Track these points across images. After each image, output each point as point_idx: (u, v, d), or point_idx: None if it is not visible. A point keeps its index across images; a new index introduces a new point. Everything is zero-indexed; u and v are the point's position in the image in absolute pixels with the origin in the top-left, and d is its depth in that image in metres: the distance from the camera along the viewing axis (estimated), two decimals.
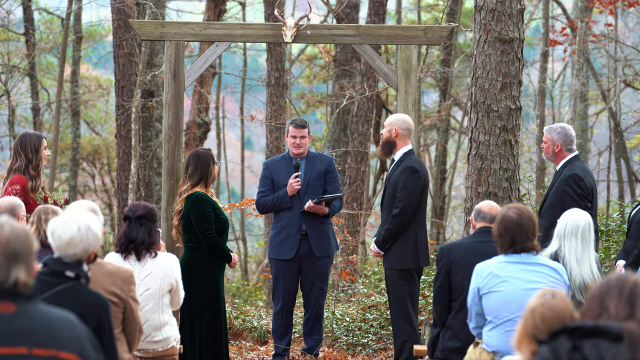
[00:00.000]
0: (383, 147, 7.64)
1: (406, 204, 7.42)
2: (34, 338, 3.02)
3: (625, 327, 2.92)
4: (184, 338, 7.26)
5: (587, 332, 2.94)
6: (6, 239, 3.07)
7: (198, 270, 7.34)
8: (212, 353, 7.33)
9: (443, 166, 19.76)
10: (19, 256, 3.07)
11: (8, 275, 3.04)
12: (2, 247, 3.05)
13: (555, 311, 3.40)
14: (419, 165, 7.54)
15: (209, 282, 7.37)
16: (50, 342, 3.03)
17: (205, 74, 15.94)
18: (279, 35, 8.24)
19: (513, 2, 8.21)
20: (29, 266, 3.10)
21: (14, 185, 7.06)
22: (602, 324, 2.93)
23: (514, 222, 5.43)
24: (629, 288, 3.04)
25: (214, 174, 7.49)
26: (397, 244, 7.49)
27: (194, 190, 7.39)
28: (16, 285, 3.05)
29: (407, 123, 7.64)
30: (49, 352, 3.01)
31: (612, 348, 2.89)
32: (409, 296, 7.48)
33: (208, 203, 7.35)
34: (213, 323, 7.37)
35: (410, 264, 7.47)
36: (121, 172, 14.48)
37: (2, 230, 3.08)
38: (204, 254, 7.38)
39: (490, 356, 5.52)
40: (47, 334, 3.04)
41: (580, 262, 5.95)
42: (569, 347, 2.93)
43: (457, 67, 20.76)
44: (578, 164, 7.26)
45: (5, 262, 3.04)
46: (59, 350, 3.03)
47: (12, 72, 18.81)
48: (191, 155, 7.48)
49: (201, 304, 7.33)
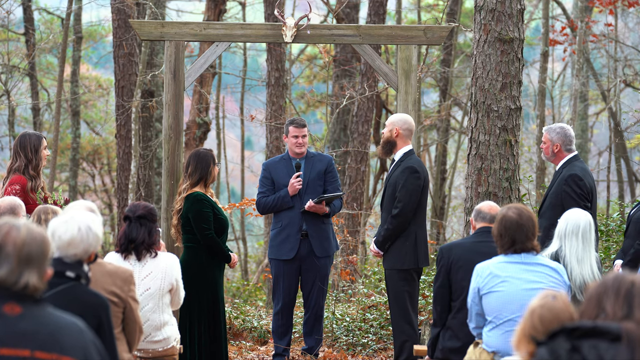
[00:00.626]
0: (383, 146, 7.65)
1: (406, 204, 7.42)
2: (37, 341, 2.99)
3: (624, 327, 2.91)
4: (183, 338, 7.26)
5: (586, 333, 2.92)
6: (22, 241, 3.05)
7: (197, 270, 7.34)
8: (211, 353, 7.33)
9: (443, 166, 19.76)
10: (33, 260, 3.05)
11: (19, 279, 3.02)
12: (17, 249, 3.03)
13: (555, 312, 3.40)
14: (419, 166, 7.54)
15: (208, 282, 7.37)
16: (53, 346, 3.00)
17: (205, 74, 15.94)
18: (279, 35, 8.24)
19: (513, 2, 8.21)
20: (41, 271, 3.07)
21: (14, 185, 7.06)
22: (600, 324, 2.92)
23: (514, 222, 5.43)
24: (626, 288, 3.02)
25: (214, 174, 7.48)
26: (397, 244, 7.50)
27: (193, 190, 7.39)
28: (26, 288, 3.03)
29: (408, 123, 7.64)
30: (51, 356, 2.98)
31: (611, 348, 2.88)
32: (408, 296, 7.49)
33: (206, 203, 7.35)
34: (212, 323, 7.37)
35: (410, 264, 7.48)
36: (121, 172, 14.48)
37: (18, 233, 3.06)
38: (203, 254, 7.38)
39: (490, 356, 5.52)
40: (52, 337, 3.01)
41: (581, 262, 5.96)
42: (568, 347, 2.92)
43: (457, 67, 20.76)
44: (577, 164, 7.26)
45: (17, 265, 3.03)
46: (62, 355, 3.00)
47: (12, 72, 18.81)
48: (192, 155, 7.48)
49: (200, 304, 7.33)
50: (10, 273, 3.02)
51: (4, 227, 3.09)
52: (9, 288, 3.02)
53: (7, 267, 3.01)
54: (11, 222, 3.12)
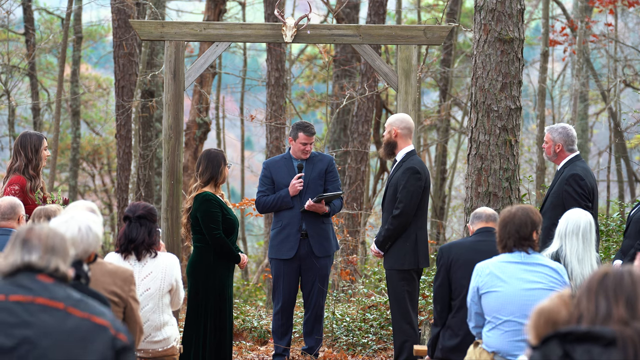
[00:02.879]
0: (385, 148, 7.66)
1: (406, 205, 7.42)
2: (71, 300, 3.24)
3: (619, 331, 2.87)
4: (189, 337, 7.26)
5: (579, 338, 2.88)
6: (46, 234, 3.33)
7: (205, 271, 7.33)
8: (216, 353, 7.32)
9: (443, 166, 19.76)
10: (58, 250, 3.32)
11: (49, 263, 3.29)
12: (42, 241, 3.31)
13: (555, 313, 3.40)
14: (420, 166, 7.54)
15: (216, 282, 7.34)
16: (85, 308, 3.24)
17: (205, 74, 15.95)
18: (279, 35, 8.24)
19: (513, 2, 8.21)
20: (66, 262, 3.34)
21: (13, 186, 7.06)
22: (594, 329, 2.88)
23: (516, 220, 5.45)
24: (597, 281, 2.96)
25: (225, 174, 7.47)
26: (397, 245, 7.50)
27: (203, 190, 7.38)
28: (57, 271, 3.29)
29: (406, 122, 7.63)
30: (83, 314, 3.22)
31: (605, 353, 2.85)
32: (408, 296, 7.49)
33: (215, 203, 7.34)
34: (218, 324, 7.35)
35: (410, 265, 7.48)
36: (121, 172, 14.48)
37: (42, 228, 3.36)
38: (211, 254, 7.36)
39: (490, 356, 5.52)
40: (83, 302, 3.26)
41: (581, 262, 5.96)
42: (560, 353, 2.88)
43: (457, 67, 20.76)
44: (579, 163, 7.27)
45: (45, 253, 3.30)
46: (93, 314, 3.22)
47: (12, 72, 18.81)
48: (203, 155, 7.50)
49: (207, 304, 7.31)
50: (40, 259, 3.28)
51: (25, 227, 3.38)
52: (41, 269, 3.28)
53: (36, 253, 3.29)
54: (32, 224, 3.40)
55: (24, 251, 3.28)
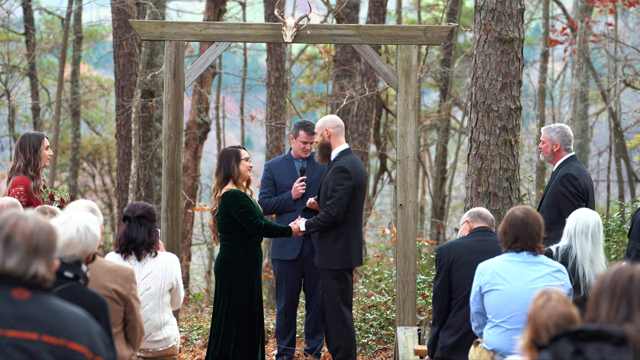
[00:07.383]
0: (320, 151, 7.60)
1: (334, 204, 7.35)
2: (45, 325, 3.03)
3: (629, 331, 2.87)
4: (216, 336, 7.18)
5: (590, 336, 2.88)
6: (30, 231, 3.11)
7: (233, 270, 7.24)
8: (249, 354, 7.22)
9: (443, 166, 19.76)
10: (41, 250, 3.11)
11: (28, 268, 3.08)
12: (26, 239, 3.10)
13: (556, 314, 3.39)
14: (350, 165, 7.46)
15: (243, 282, 7.21)
16: (61, 332, 3.04)
17: (205, 74, 15.95)
18: (279, 35, 8.24)
19: (513, 2, 8.21)
20: (49, 261, 3.13)
21: (18, 187, 7.09)
22: (604, 328, 2.88)
23: (520, 220, 5.47)
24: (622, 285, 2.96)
25: (239, 170, 7.31)
26: (328, 244, 7.44)
27: (225, 189, 7.32)
28: (35, 278, 3.09)
29: (337, 121, 7.64)
30: (58, 340, 3.03)
31: (615, 352, 2.85)
32: (341, 295, 7.45)
33: (242, 196, 7.26)
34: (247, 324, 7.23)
35: (342, 265, 7.45)
36: (121, 172, 14.49)
37: (26, 223, 3.12)
38: (238, 254, 7.25)
39: (489, 355, 5.53)
40: (59, 323, 3.05)
41: (593, 263, 5.98)
42: (572, 350, 2.88)
43: (457, 67, 20.76)
44: (574, 163, 7.28)
45: (26, 255, 3.08)
46: (69, 340, 3.04)
47: (12, 72, 18.82)
48: (218, 154, 7.46)
49: (234, 304, 7.19)
50: (20, 263, 3.07)
51: (11, 218, 3.14)
52: (19, 277, 3.07)
53: (16, 257, 3.07)
54: (18, 213, 3.17)
55: (5, 252, 3.07)
